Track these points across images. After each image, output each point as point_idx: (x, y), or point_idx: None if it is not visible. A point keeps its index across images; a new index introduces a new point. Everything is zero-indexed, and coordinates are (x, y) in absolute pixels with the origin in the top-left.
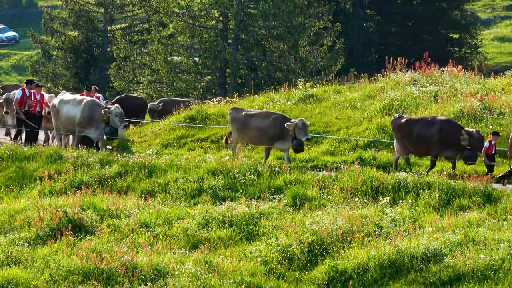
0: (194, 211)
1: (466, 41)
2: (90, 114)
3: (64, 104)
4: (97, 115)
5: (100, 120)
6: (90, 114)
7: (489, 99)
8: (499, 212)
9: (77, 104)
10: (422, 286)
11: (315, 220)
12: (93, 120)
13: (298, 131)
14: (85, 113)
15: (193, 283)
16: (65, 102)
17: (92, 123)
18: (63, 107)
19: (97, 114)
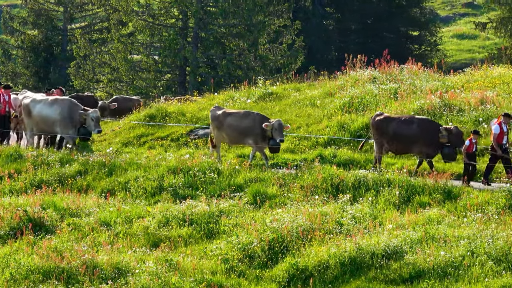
0: (155, 209)
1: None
2: (70, 114)
3: (37, 103)
4: (76, 116)
5: (78, 121)
6: (70, 115)
7: (448, 96)
8: (459, 209)
9: (51, 104)
10: (383, 283)
11: (276, 218)
12: (73, 120)
13: (274, 132)
14: (65, 113)
15: (153, 281)
16: (38, 102)
17: (72, 122)
18: (35, 107)
19: (76, 115)
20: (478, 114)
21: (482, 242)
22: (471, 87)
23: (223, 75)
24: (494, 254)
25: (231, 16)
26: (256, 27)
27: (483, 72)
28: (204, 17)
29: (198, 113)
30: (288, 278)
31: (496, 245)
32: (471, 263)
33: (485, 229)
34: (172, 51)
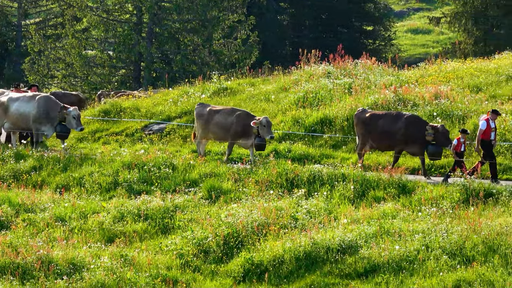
0: (109, 204)
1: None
2: (47, 111)
3: (14, 101)
4: (54, 113)
5: (55, 118)
6: (47, 111)
7: (402, 91)
8: (414, 203)
9: (29, 101)
10: (338, 277)
11: (231, 213)
12: (49, 117)
13: (262, 129)
14: (41, 109)
15: (108, 276)
16: (15, 99)
17: (49, 119)
18: (12, 104)
19: (54, 112)
20: (432, 108)
21: (436, 237)
22: (425, 81)
23: (178, 70)
24: (448, 248)
25: (186, 11)
26: (210, 22)
27: (437, 66)
28: (159, 12)
29: (152, 108)
30: (243, 273)
31: (450, 239)
32: (426, 257)
33: (440, 223)
34: (127, 46)
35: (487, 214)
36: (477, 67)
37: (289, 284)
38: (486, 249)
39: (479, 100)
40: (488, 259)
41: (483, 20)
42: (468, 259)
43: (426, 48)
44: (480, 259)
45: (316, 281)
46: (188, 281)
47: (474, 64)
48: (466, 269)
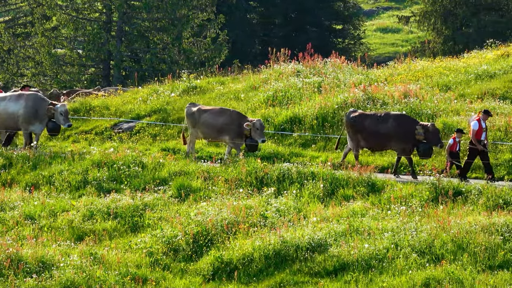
0: (79, 203)
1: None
2: (35, 109)
3: (1, 100)
4: (42, 111)
5: (44, 116)
6: (35, 109)
7: (372, 89)
8: (383, 202)
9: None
10: (307, 276)
11: (200, 211)
12: (38, 115)
13: (255, 132)
14: (29, 108)
15: (78, 275)
16: (2, 99)
17: (37, 117)
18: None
19: (42, 109)
20: (402, 107)
21: (406, 235)
22: (394, 80)
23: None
24: (418, 246)
25: (155, 10)
26: (180, 21)
27: (406, 65)
28: (128, 11)
29: (122, 106)
30: (212, 271)
31: (420, 237)
32: (395, 255)
33: (409, 221)
34: (96, 45)
35: (456, 213)
36: (446, 66)
37: (258, 283)
38: (455, 248)
39: (448, 99)
40: (457, 258)
41: (452, 19)
42: (437, 257)
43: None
44: (449, 258)
45: (285, 279)
46: (158, 279)
47: (443, 63)
48: (435, 267)
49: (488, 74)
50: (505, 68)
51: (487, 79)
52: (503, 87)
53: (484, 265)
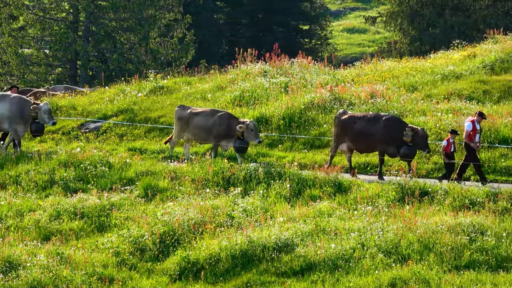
0: (46, 203)
1: (316, 33)
2: (20, 110)
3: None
4: (27, 112)
5: (29, 117)
6: (20, 111)
7: (339, 90)
8: (350, 202)
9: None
10: (274, 275)
11: (167, 211)
12: (23, 116)
13: (249, 133)
14: (14, 109)
15: (45, 274)
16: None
17: (22, 119)
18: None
19: (27, 111)
20: (368, 107)
21: (372, 235)
22: (361, 81)
23: (114, 68)
24: (384, 246)
25: (122, 10)
26: (146, 21)
27: (373, 66)
28: (95, 11)
29: (89, 106)
30: (179, 271)
31: (386, 237)
32: (362, 255)
33: (376, 221)
34: (63, 45)
35: (422, 213)
36: (412, 66)
37: (225, 282)
38: (422, 248)
39: (414, 99)
40: (423, 258)
41: (419, 19)
42: (403, 257)
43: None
44: (415, 258)
45: (252, 279)
46: (124, 279)
47: (409, 63)
48: (401, 267)
49: (454, 75)
50: (471, 69)
51: (453, 79)
52: (469, 87)
53: (451, 265)
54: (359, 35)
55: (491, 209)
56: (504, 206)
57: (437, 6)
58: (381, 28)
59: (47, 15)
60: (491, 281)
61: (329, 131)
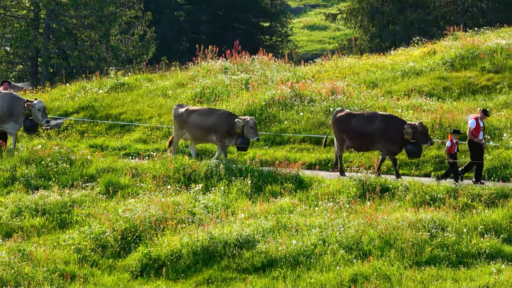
0: (7, 199)
1: (277, 30)
2: (10, 108)
3: None
4: (18, 109)
5: (20, 114)
6: (10, 108)
7: (299, 86)
8: (311, 198)
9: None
10: (235, 272)
11: (128, 207)
12: (14, 114)
13: (249, 130)
14: (5, 106)
15: (6, 271)
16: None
17: (12, 117)
18: None
19: (18, 108)
20: (329, 104)
21: (333, 231)
22: (321, 77)
23: (75, 66)
24: (345, 242)
25: (83, 7)
26: (107, 18)
27: (334, 62)
28: (56, 8)
29: (50, 103)
30: (141, 267)
31: (347, 233)
32: (323, 251)
33: (337, 218)
34: (24, 42)
35: (383, 209)
36: (373, 63)
37: (186, 279)
38: (383, 244)
39: (375, 96)
40: (384, 254)
41: (379, 16)
42: (364, 253)
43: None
44: (376, 253)
45: (213, 275)
46: (86, 275)
47: (370, 60)
48: (362, 263)
49: (414, 72)
50: (431, 66)
51: (413, 76)
52: (429, 84)
53: (411, 261)
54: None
55: (452, 205)
56: (464, 202)
57: (397, 3)
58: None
59: (8, 13)
60: (452, 276)
61: (290, 128)
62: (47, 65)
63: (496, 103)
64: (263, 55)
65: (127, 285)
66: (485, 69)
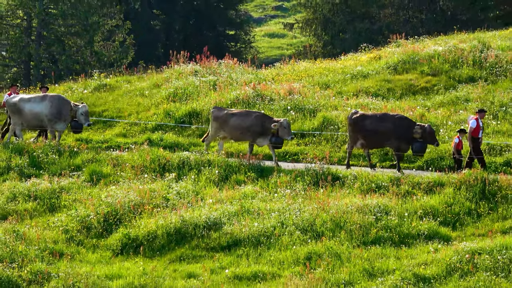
0: (3, 186)
1: (241, 37)
2: (59, 110)
3: (26, 102)
4: (66, 111)
5: (67, 116)
6: (59, 110)
7: (261, 87)
8: (270, 186)
9: (41, 101)
10: (204, 250)
11: (110, 194)
12: (62, 115)
13: (283, 130)
14: (54, 108)
15: (2, 249)
16: (27, 100)
17: (61, 117)
18: (26, 105)
19: (65, 110)
20: (287, 103)
21: (290, 215)
22: (280, 79)
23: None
24: (301, 225)
25: (70, 17)
26: (91, 26)
27: (291, 66)
28: (46, 18)
29: None
30: (121, 246)
31: (303, 217)
32: (281, 233)
33: (293, 203)
34: (18, 47)
35: (334, 195)
36: (325, 67)
37: (161, 256)
38: (334, 226)
39: (327, 96)
40: (335, 235)
41: (331, 26)
42: (318, 234)
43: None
44: (328, 234)
45: (185, 253)
46: (73, 253)
47: (323, 64)
48: (316, 243)
49: (362, 74)
50: (377, 69)
51: (361, 78)
52: (375, 85)
53: (359, 241)
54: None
55: (395, 192)
56: (406, 190)
57: (347, 15)
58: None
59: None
60: (395, 255)
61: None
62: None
63: (434, 103)
64: (229, 60)
65: (109, 262)
66: (424, 72)
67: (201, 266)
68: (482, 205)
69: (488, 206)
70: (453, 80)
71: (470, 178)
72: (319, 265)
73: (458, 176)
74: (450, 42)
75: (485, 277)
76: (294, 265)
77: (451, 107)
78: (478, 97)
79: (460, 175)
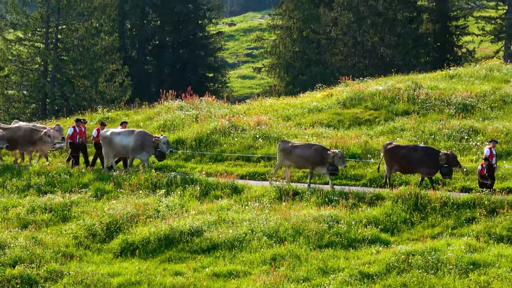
0: (24, 201)
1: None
2: (142, 142)
3: (116, 135)
4: (148, 143)
5: (150, 146)
6: (142, 142)
7: (235, 119)
8: (243, 200)
9: (129, 134)
10: (188, 253)
11: (111, 207)
12: (145, 146)
13: (338, 160)
14: (138, 141)
15: (23, 252)
16: (117, 134)
17: (144, 148)
18: (116, 138)
19: (148, 142)
20: (256, 132)
21: (259, 223)
22: (250, 113)
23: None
24: (267, 231)
25: (79, 62)
26: (96, 70)
27: (259, 102)
28: (60, 63)
29: None
30: (120, 250)
31: (269, 225)
32: (251, 238)
33: (261, 214)
34: (36, 88)
35: (295, 207)
36: (287, 103)
37: (153, 258)
38: (294, 232)
39: (289, 126)
40: (296, 240)
41: (292, 69)
42: (281, 239)
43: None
44: (290, 239)
45: (173, 255)
46: (81, 255)
47: (285, 100)
48: (280, 246)
49: (317, 109)
50: (329, 104)
51: (317, 112)
52: (328, 118)
53: (315, 245)
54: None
55: (344, 205)
56: (353, 202)
57: (305, 60)
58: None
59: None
60: (344, 256)
61: (228, 149)
62: (53, 104)
63: (376, 132)
64: (209, 97)
65: (110, 262)
66: (367, 107)
67: (186, 265)
68: (415, 215)
69: (420, 216)
70: (391, 113)
71: (406, 193)
72: (282, 265)
73: (395, 192)
74: (389, 83)
75: (418, 274)
76: (262, 265)
77: (390, 135)
78: (412, 127)
79: (396, 190)
